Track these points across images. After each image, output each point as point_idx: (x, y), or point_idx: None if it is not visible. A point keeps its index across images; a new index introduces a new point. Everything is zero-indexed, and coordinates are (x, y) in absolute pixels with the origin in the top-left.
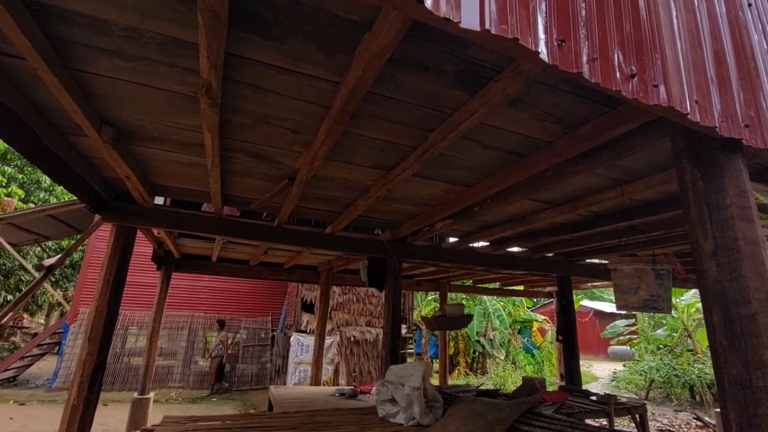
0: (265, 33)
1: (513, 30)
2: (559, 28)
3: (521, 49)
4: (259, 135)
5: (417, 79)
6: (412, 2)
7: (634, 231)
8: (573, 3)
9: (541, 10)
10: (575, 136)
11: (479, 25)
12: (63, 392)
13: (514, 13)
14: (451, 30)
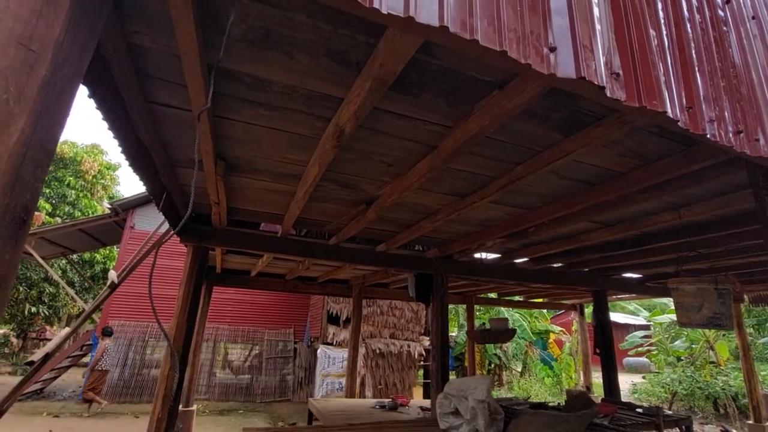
0: (406, 90)
1: (662, 104)
2: (687, 97)
3: (664, 117)
4: (355, 167)
5: (523, 125)
6: (594, 89)
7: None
8: (694, 80)
9: (677, 87)
10: (650, 170)
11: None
12: (94, 404)
13: (663, 90)
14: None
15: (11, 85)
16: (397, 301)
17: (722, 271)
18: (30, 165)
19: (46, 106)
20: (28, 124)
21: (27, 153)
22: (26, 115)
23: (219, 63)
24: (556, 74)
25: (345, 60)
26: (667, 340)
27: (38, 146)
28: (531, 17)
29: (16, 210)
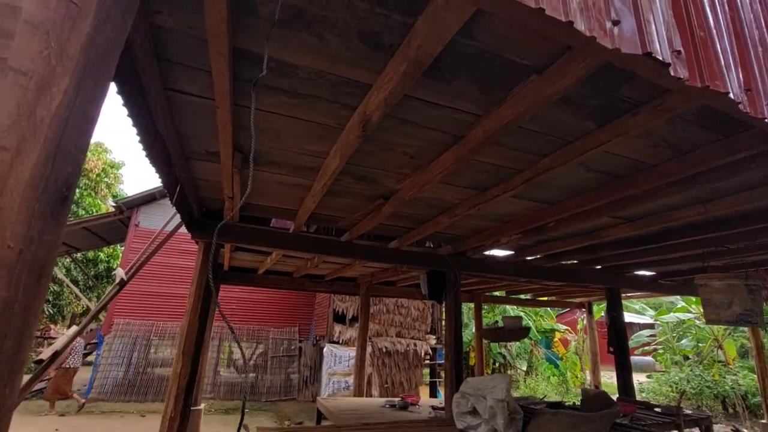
0: (438, 75)
1: (724, 85)
2: (744, 80)
3: (726, 99)
4: (376, 160)
5: (556, 113)
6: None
7: (711, 245)
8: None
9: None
10: (683, 161)
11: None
12: (99, 403)
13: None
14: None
15: (52, 40)
16: (403, 299)
17: (743, 267)
18: (72, 133)
19: (90, 67)
20: (71, 85)
21: (70, 119)
22: (69, 75)
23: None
24: (621, 49)
25: (377, 42)
26: (674, 339)
27: (81, 112)
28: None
29: (57, 184)
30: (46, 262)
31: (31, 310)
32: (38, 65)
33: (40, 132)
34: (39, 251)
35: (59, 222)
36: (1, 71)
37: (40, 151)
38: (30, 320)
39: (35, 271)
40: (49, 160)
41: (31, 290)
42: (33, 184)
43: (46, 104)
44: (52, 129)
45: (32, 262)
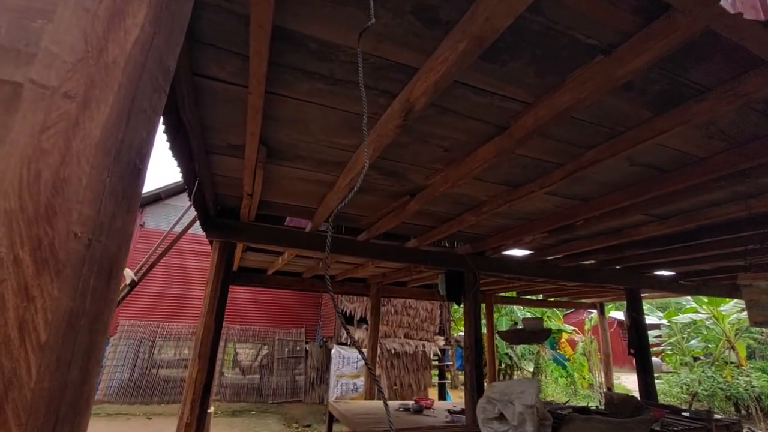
0: (493, 56)
1: None
2: None
3: None
4: (408, 153)
5: (612, 99)
6: None
7: (754, 242)
8: None
9: None
10: (737, 154)
11: None
12: (104, 405)
13: None
14: None
15: None
16: (411, 300)
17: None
18: (148, 85)
19: (170, 3)
20: (148, 19)
21: (146, 65)
22: (146, 5)
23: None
24: (744, 15)
25: (433, 18)
26: (683, 340)
27: (157, 58)
28: None
29: (131, 152)
30: (117, 259)
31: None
32: None
33: (114, 77)
34: (110, 243)
35: (132, 204)
36: None
37: (113, 103)
38: (99, 340)
39: (105, 271)
40: (122, 118)
41: (101, 298)
42: (104, 149)
43: (119, 40)
44: (127, 75)
45: (102, 259)
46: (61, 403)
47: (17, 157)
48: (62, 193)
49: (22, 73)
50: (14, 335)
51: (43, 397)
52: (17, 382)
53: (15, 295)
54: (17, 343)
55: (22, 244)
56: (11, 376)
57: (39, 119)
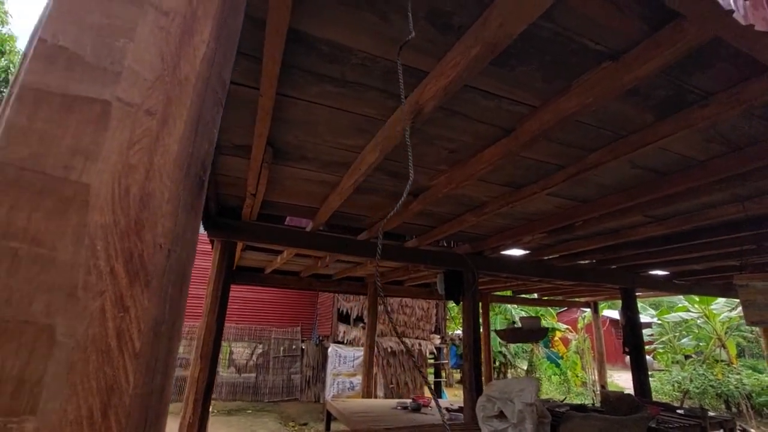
0: (502, 61)
1: None
2: None
3: None
4: (413, 154)
5: (618, 103)
6: None
7: (748, 243)
8: None
9: None
10: (736, 158)
11: None
12: None
13: None
14: None
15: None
16: (407, 299)
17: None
18: (211, 99)
19: (227, 12)
20: (212, 35)
21: (209, 80)
22: (211, 20)
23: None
24: (755, 26)
25: (446, 23)
26: (675, 338)
27: (218, 73)
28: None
29: (197, 165)
30: (187, 267)
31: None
32: (179, 3)
33: (186, 93)
34: (182, 253)
35: (197, 215)
36: (140, 6)
37: (186, 119)
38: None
39: (179, 279)
40: (192, 133)
41: (176, 306)
42: (179, 163)
43: (190, 57)
44: (196, 90)
45: (177, 268)
46: (149, 408)
47: (109, 174)
48: (148, 207)
49: (109, 91)
50: (114, 344)
51: (138, 403)
52: (118, 389)
53: (113, 305)
54: (116, 352)
55: (117, 257)
56: (112, 383)
57: (126, 136)
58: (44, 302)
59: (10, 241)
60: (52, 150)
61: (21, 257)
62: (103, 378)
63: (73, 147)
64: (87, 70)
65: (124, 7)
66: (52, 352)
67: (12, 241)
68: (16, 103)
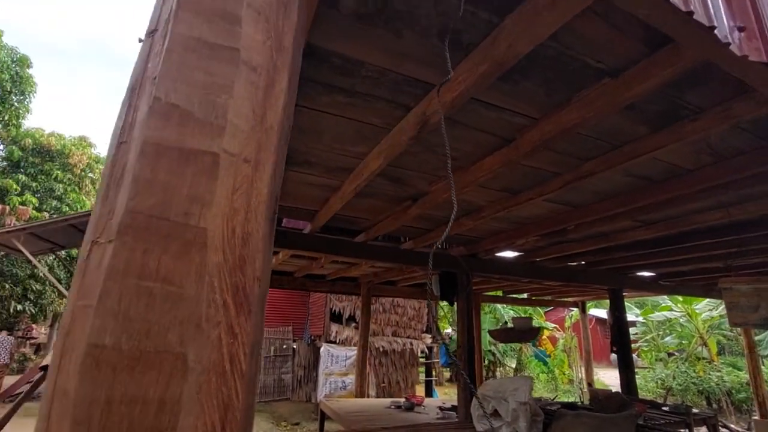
0: (507, 76)
1: None
2: None
3: None
4: (415, 161)
5: (615, 116)
6: None
7: (733, 247)
8: None
9: None
10: (722, 167)
11: None
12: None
13: None
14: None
15: (272, 29)
16: (399, 298)
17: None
18: (284, 140)
19: (295, 61)
20: (287, 84)
21: (284, 123)
22: (286, 71)
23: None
24: (749, 57)
25: (455, 41)
26: (659, 336)
27: (289, 114)
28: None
29: (275, 202)
30: (264, 294)
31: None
32: (264, 58)
33: (271, 140)
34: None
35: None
36: (235, 65)
37: (272, 163)
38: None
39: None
40: (274, 174)
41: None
42: (267, 203)
43: (273, 107)
44: (278, 135)
45: (263, 295)
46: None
47: (220, 218)
48: (248, 244)
49: (217, 144)
50: (228, 367)
51: (244, 416)
52: (231, 406)
53: (226, 334)
54: (230, 374)
55: (227, 291)
56: (228, 401)
57: (231, 183)
58: (177, 334)
59: (146, 281)
60: (174, 198)
61: (155, 295)
62: (221, 396)
63: (191, 195)
64: (197, 125)
65: (222, 66)
66: (186, 376)
67: (147, 281)
68: (141, 158)
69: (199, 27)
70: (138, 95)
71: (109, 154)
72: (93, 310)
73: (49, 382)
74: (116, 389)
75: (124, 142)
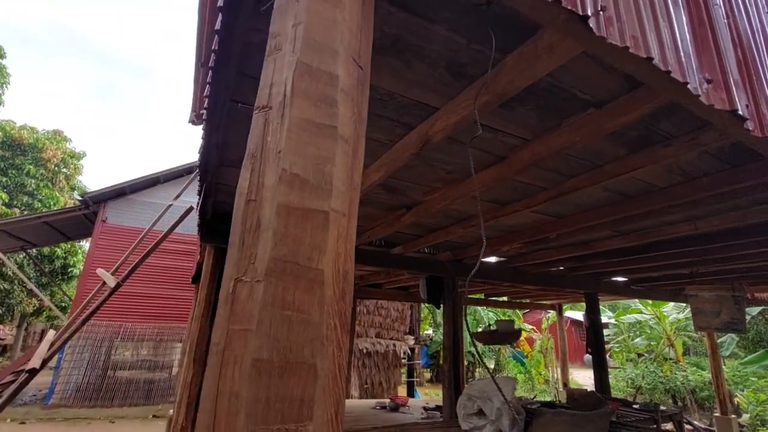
0: (504, 103)
1: None
2: None
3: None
4: (414, 174)
5: (598, 140)
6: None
7: (699, 256)
8: None
9: None
10: (691, 186)
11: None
12: (61, 409)
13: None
14: None
15: (355, 105)
16: (382, 300)
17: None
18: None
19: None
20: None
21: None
22: (363, 138)
23: None
24: (714, 105)
25: (461, 72)
26: (629, 338)
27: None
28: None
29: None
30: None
31: None
32: (351, 131)
33: (356, 195)
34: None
35: None
36: (335, 140)
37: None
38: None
39: None
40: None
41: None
42: (354, 245)
43: (357, 168)
44: (358, 192)
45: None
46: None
47: (331, 261)
48: (347, 279)
49: (327, 203)
50: (337, 373)
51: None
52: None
53: (336, 348)
54: (339, 378)
55: (336, 316)
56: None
57: (336, 233)
58: (309, 349)
59: (286, 310)
60: (300, 247)
61: (293, 321)
62: (335, 395)
63: (312, 244)
64: (312, 189)
65: (327, 141)
66: (316, 380)
67: (287, 311)
68: (277, 217)
69: (308, 110)
70: (262, 162)
71: (237, 207)
72: (253, 333)
73: (208, 385)
74: (272, 390)
75: (253, 200)
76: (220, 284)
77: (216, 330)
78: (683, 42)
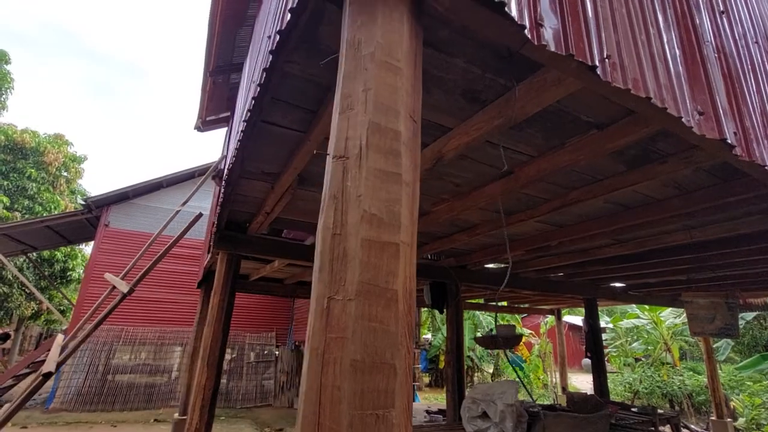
0: (513, 126)
1: (763, 160)
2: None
3: (762, 169)
4: (423, 186)
5: (599, 157)
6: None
7: (694, 264)
8: None
9: None
10: (686, 199)
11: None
12: (62, 413)
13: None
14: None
15: (412, 155)
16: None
17: (715, 280)
18: None
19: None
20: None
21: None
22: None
23: None
24: (706, 135)
25: (475, 98)
26: (627, 342)
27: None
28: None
29: None
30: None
31: None
32: (410, 176)
33: (414, 227)
34: None
35: None
36: (400, 184)
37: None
38: None
39: None
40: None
41: None
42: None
43: (414, 206)
44: (416, 226)
45: None
46: None
47: (402, 282)
48: (412, 296)
49: (397, 237)
50: (408, 373)
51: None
52: (410, 394)
53: (406, 351)
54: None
55: (406, 326)
56: (410, 391)
57: (404, 260)
58: (390, 352)
59: (372, 323)
60: (379, 273)
61: (377, 331)
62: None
63: (387, 270)
64: (386, 226)
65: (394, 186)
66: (396, 377)
67: (373, 323)
68: (362, 249)
69: (380, 161)
70: (343, 203)
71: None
72: (349, 340)
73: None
74: (365, 384)
75: (338, 234)
76: (232, 289)
77: (314, 337)
78: (677, 80)
